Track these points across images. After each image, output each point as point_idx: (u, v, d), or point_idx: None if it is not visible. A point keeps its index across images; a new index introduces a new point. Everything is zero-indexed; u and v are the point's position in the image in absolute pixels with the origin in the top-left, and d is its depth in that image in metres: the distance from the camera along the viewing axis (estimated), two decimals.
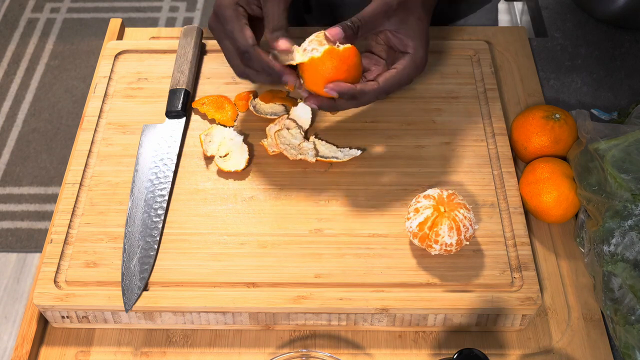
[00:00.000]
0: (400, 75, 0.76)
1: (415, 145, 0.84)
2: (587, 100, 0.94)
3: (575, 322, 0.74)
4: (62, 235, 0.76)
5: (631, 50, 0.99)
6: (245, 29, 0.76)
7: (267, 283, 0.73)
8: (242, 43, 0.75)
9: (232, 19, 0.76)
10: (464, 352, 0.57)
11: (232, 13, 0.76)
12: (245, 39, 0.75)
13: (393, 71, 0.76)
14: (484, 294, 0.71)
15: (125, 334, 0.74)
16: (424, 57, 0.77)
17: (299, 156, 0.81)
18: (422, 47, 0.76)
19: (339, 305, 0.71)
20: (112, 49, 0.94)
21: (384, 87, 0.75)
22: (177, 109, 0.86)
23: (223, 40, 0.78)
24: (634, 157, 0.72)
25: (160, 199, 0.79)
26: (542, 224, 0.81)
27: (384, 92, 0.76)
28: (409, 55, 0.76)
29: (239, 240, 0.76)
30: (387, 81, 0.76)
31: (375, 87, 0.75)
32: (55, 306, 0.71)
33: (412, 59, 0.76)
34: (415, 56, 0.76)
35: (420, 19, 0.76)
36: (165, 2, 2.58)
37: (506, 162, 0.81)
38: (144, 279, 0.72)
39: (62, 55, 2.41)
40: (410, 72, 0.76)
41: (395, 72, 0.76)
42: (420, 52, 0.76)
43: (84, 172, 0.81)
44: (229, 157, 0.82)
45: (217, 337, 0.74)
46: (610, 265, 0.70)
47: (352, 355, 0.72)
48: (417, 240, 0.72)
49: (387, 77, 0.76)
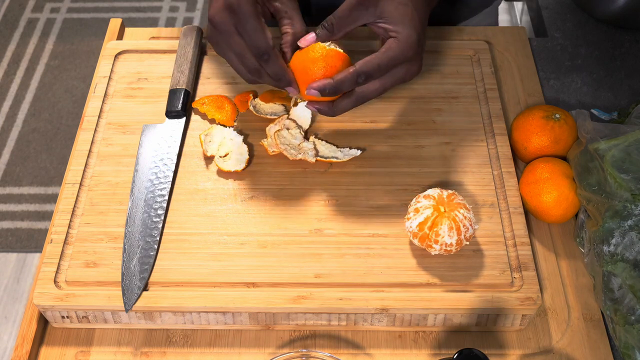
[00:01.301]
0: (378, 58, 0.72)
1: (415, 145, 0.84)
2: (587, 100, 0.94)
3: (575, 322, 0.74)
4: (62, 235, 0.76)
5: (631, 50, 0.99)
6: (266, 28, 0.73)
7: (267, 283, 0.73)
8: (263, 43, 0.72)
9: (252, 16, 0.72)
10: (464, 352, 0.57)
11: (252, 10, 0.72)
12: (266, 40, 0.72)
13: (373, 54, 0.72)
14: (484, 294, 0.71)
15: (125, 334, 0.74)
16: (412, 36, 0.72)
17: (299, 156, 0.81)
18: (409, 28, 0.72)
19: (339, 305, 0.71)
20: (112, 49, 0.94)
21: (361, 70, 0.71)
22: (177, 109, 0.86)
23: (233, 36, 0.73)
24: (634, 157, 0.72)
25: (160, 199, 0.79)
26: (542, 224, 0.81)
27: (364, 75, 0.71)
28: (393, 38, 0.72)
29: (239, 240, 0.76)
30: (365, 64, 0.71)
31: (352, 71, 0.71)
32: (55, 306, 0.71)
33: (396, 40, 0.72)
34: (400, 37, 0.72)
35: (403, 4, 0.72)
36: (165, 2, 2.58)
37: (506, 162, 0.81)
38: (144, 279, 0.72)
39: (62, 55, 2.41)
40: (396, 53, 0.72)
41: (375, 55, 0.72)
42: (405, 32, 0.72)
43: (84, 172, 0.81)
44: (229, 157, 0.82)
45: (217, 337, 0.74)
46: (610, 265, 0.70)
47: (352, 355, 0.72)
48: (417, 240, 0.72)
49: (366, 61, 0.72)
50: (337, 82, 0.72)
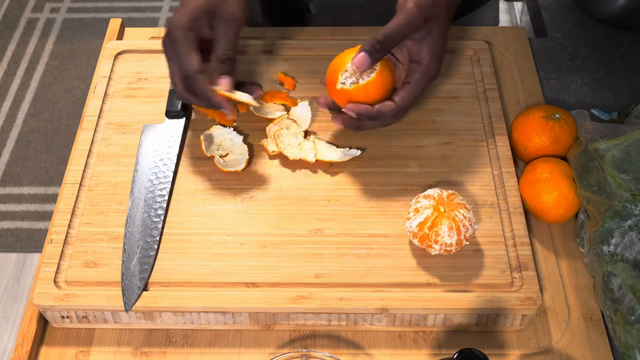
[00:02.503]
0: (414, 90, 0.76)
1: (415, 145, 0.84)
2: (587, 100, 0.94)
3: (575, 322, 0.74)
4: (62, 235, 0.76)
5: (631, 50, 0.99)
6: (192, 53, 0.76)
7: (267, 283, 0.73)
8: (186, 67, 0.76)
9: (181, 42, 0.76)
10: (464, 352, 0.57)
11: (182, 36, 0.76)
12: (190, 63, 0.76)
13: (408, 87, 0.76)
14: (483, 294, 0.71)
15: (125, 334, 0.74)
16: (437, 68, 0.77)
17: (299, 155, 0.81)
18: (437, 60, 0.76)
19: (339, 305, 0.71)
20: (112, 49, 0.94)
21: (402, 106, 0.76)
22: (177, 109, 0.86)
23: (170, 61, 0.79)
24: (634, 157, 0.72)
25: (160, 199, 0.79)
26: (542, 224, 0.81)
27: (403, 110, 0.76)
28: (423, 66, 0.76)
29: (239, 240, 0.76)
30: (404, 99, 0.76)
31: (393, 107, 0.75)
32: (55, 306, 0.71)
33: (425, 71, 0.76)
34: (429, 68, 0.76)
35: (444, 28, 0.75)
36: (165, 2, 2.58)
37: (506, 162, 0.81)
38: (144, 279, 0.72)
39: (62, 55, 2.41)
40: (425, 84, 0.76)
41: (410, 88, 0.76)
42: (433, 64, 0.76)
43: (84, 172, 0.81)
44: (229, 157, 0.82)
45: (217, 337, 0.74)
46: (610, 265, 0.70)
47: (352, 355, 0.72)
48: (417, 240, 0.72)
49: (403, 95, 0.76)
50: (377, 113, 0.75)
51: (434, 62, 0.76)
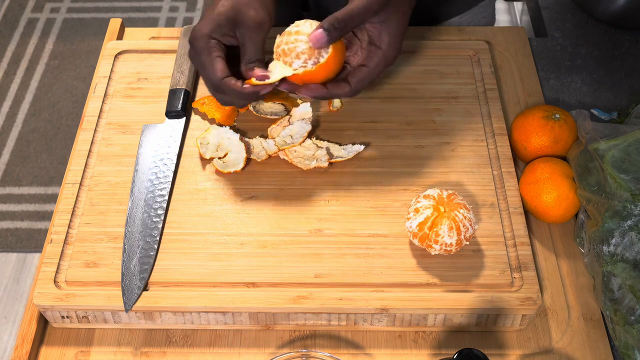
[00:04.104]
0: (370, 74, 0.76)
1: (415, 145, 0.84)
2: (587, 100, 0.94)
3: (575, 322, 0.74)
4: (62, 235, 0.76)
5: (631, 50, 0.99)
6: (215, 62, 0.76)
7: (267, 283, 0.73)
8: (212, 76, 0.76)
9: (203, 52, 0.76)
10: (464, 352, 0.57)
11: (203, 45, 0.76)
12: (214, 73, 0.75)
13: (365, 70, 0.76)
14: (483, 294, 0.71)
15: (125, 334, 0.74)
16: (395, 54, 0.76)
17: (312, 164, 0.81)
18: (396, 45, 0.76)
19: (339, 305, 0.71)
20: (112, 49, 0.94)
21: (356, 89, 0.76)
22: (177, 109, 0.86)
23: (198, 70, 0.79)
24: (634, 157, 0.72)
25: (160, 199, 0.79)
26: (542, 224, 0.81)
27: (357, 93, 0.77)
28: (381, 51, 0.75)
29: (238, 240, 0.76)
30: (359, 83, 0.76)
31: (347, 90, 0.75)
32: (55, 306, 0.71)
33: (383, 56, 0.76)
34: (387, 53, 0.76)
35: (404, 14, 0.75)
36: (165, 2, 2.58)
37: (506, 162, 0.81)
38: (144, 279, 0.72)
39: (62, 55, 2.41)
40: (382, 69, 0.76)
41: (367, 71, 0.76)
42: (392, 49, 0.76)
43: (84, 172, 0.81)
44: (227, 157, 0.82)
45: (217, 337, 0.74)
46: (609, 265, 0.70)
47: (352, 355, 0.72)
48: (417, 240, 0.72)
49: (360, 79, 0.76)
50: (331, 94, 0.75)
51: (393, 47, 0.76)
